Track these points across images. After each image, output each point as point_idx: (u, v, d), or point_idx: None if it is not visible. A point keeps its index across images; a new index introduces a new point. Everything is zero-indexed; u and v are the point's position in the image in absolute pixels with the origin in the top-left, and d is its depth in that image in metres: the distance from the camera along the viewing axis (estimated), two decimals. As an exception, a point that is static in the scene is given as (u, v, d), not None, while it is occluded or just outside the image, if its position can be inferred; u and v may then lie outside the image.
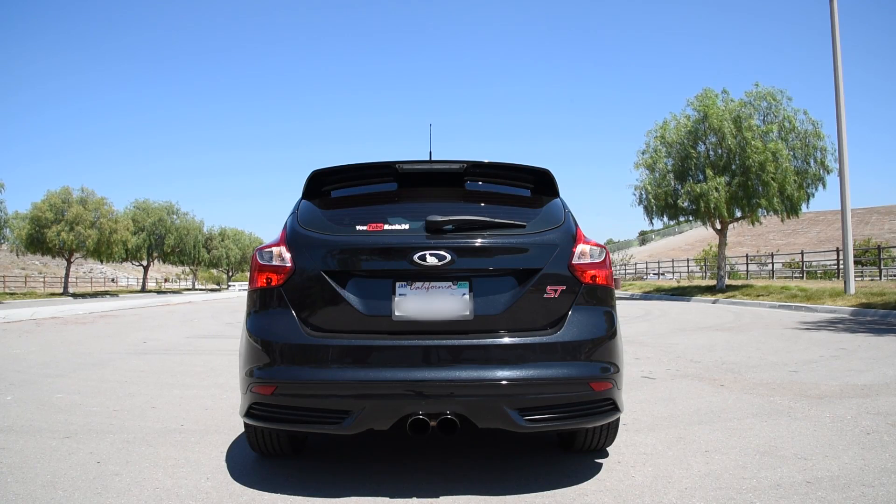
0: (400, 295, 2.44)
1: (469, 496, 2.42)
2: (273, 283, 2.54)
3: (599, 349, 2.49)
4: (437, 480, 2.61)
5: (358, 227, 2.62)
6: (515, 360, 2.38)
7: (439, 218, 2.52)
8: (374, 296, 2.46)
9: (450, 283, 2.47)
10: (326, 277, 2.48)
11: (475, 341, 2.40)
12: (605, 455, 2.95)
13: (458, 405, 2.32)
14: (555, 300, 2.50)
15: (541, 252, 2.53)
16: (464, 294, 2.45)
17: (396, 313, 2.42)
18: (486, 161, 2.84)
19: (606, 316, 2.59)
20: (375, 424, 2.36)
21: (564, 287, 2.52)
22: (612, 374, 2.49)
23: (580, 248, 2.61)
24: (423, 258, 2.43)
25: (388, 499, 2.41)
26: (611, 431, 2.83)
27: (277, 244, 2.62)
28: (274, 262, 2.57)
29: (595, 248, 2.64)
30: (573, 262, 2.56)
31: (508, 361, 2.37)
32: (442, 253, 2.44)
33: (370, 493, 2.46)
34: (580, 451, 2.94)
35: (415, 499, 2.41)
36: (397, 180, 2.90)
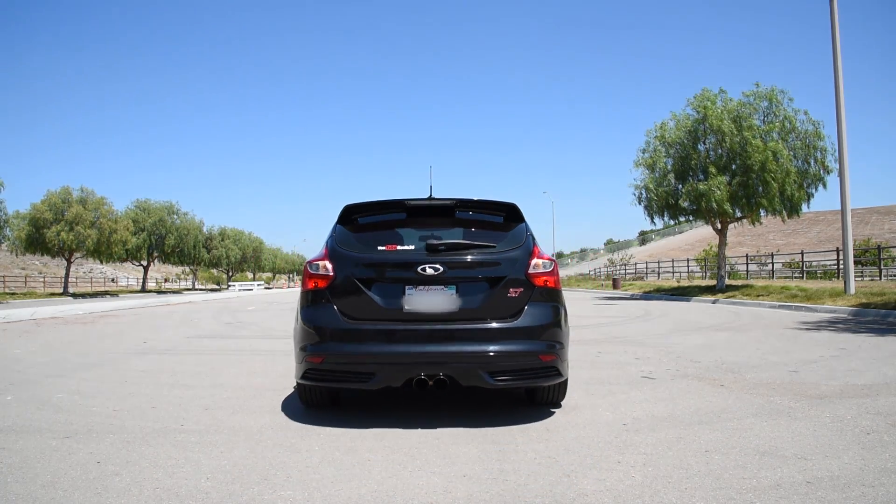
0: (408, 294, 3.38)
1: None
2: (320, 286, 3.49)
3: (547, 332, 3.42)
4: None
5: (378, 248, 3.57)
6: (487, 339, 3.33)
7: (435, 241, 3.49)
8: (391, 295, 3.40)
9: (442, 287, 3.39)
10: (357, 282, 3.43)
11: (460, 326, 3.35)
12: (605, 455, 2.95)
13: (448, 370, 3.29)
14: (515, 298, 3.43)
15: (506, 264, 3.46)
16: (452, 294, 3.39)
17: (406, 307, 3.36)
18: (470, 199, 3.76)
19: (553, 309, 3.49)
20: (392, 383, 3.33)
21: (522, 289, 3.44)
22: (557, 349, 3.42)
23: (535, 261, 3.52)
24: (423, 269, 3.36)
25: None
26: (561, 390, 3.81)
27: (322, 259, 3.57)
28: (320, 272, 3.51)
29: (546, 261, 3.56)
30: (528, 271, 3.48)
31: (483, 340, 3.32)
32: (437, 266, 3.37)
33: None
34: (541, 404, 3.89)
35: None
36: (406, 212, 3.80)
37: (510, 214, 3.82)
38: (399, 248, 3.56)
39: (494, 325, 3.33)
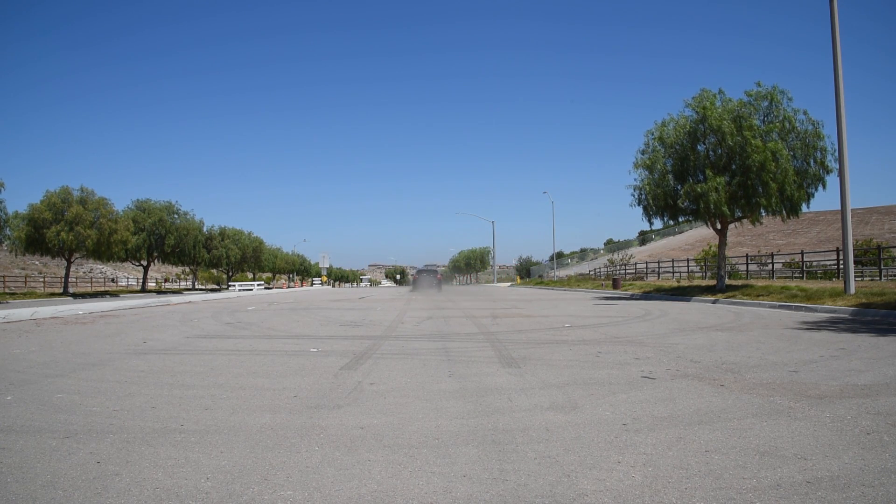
0: (423, 277, 39.56)
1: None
2: (416, 279, 40.08)
3: (439, 284, 38.99)
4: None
5: (420, 273, 40.58)
6: (436, 282, 38.47)
7: (432, 270, 42.93)
8: (425, 276, 39.42)
9: (431, 277, 39.53)
10: (420, 279, 39.06)
11: (433, 279, 38.94)
12: (605, 455, 2.95)
13: (432, 287, 37.95)
14: (434, 279, 40.24)
15: (434, 276, 43.06)
16: (432, 278, 39.24)
17: (424, 278, 39.24)
18: (432, 264, 42.41)
19: (439, 282, 38.88)
20: (423, 289, 36.66)
21: (438, 276, 41.30)
22: (441, 284, 38.85)
23: (438, 275, 40.22)
24: (429, 275, 40.21)
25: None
26: (441, 288, 38.28)
27: (416, 274, 40.89)
28: (415, 275, 41.88)
29: (440, 274, 41.91)
30: (436, 278, 38.99)
31: (434, 279, 38.91)
32: (430, 273, 40.66)
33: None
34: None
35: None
36: (424, 269, 44.06)
37: (436, 270, 42.78)
38: (423, 273, 40.26)
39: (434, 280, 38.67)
